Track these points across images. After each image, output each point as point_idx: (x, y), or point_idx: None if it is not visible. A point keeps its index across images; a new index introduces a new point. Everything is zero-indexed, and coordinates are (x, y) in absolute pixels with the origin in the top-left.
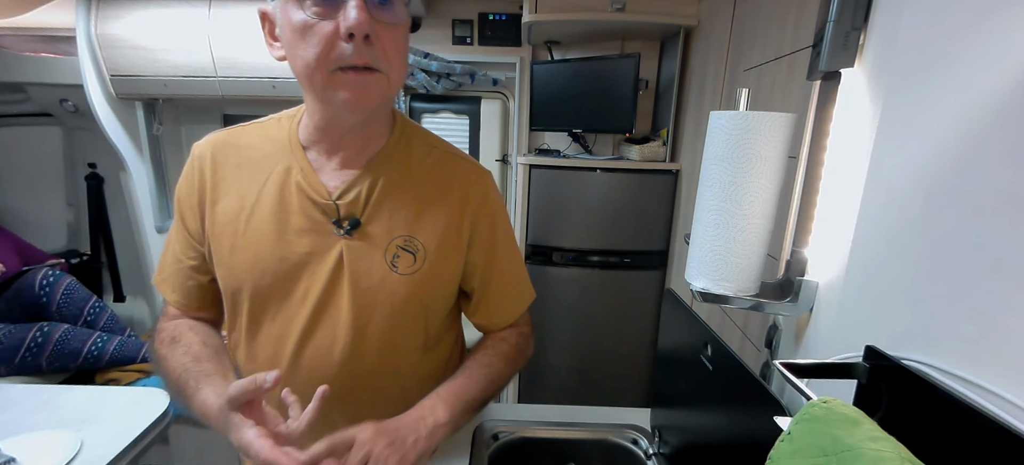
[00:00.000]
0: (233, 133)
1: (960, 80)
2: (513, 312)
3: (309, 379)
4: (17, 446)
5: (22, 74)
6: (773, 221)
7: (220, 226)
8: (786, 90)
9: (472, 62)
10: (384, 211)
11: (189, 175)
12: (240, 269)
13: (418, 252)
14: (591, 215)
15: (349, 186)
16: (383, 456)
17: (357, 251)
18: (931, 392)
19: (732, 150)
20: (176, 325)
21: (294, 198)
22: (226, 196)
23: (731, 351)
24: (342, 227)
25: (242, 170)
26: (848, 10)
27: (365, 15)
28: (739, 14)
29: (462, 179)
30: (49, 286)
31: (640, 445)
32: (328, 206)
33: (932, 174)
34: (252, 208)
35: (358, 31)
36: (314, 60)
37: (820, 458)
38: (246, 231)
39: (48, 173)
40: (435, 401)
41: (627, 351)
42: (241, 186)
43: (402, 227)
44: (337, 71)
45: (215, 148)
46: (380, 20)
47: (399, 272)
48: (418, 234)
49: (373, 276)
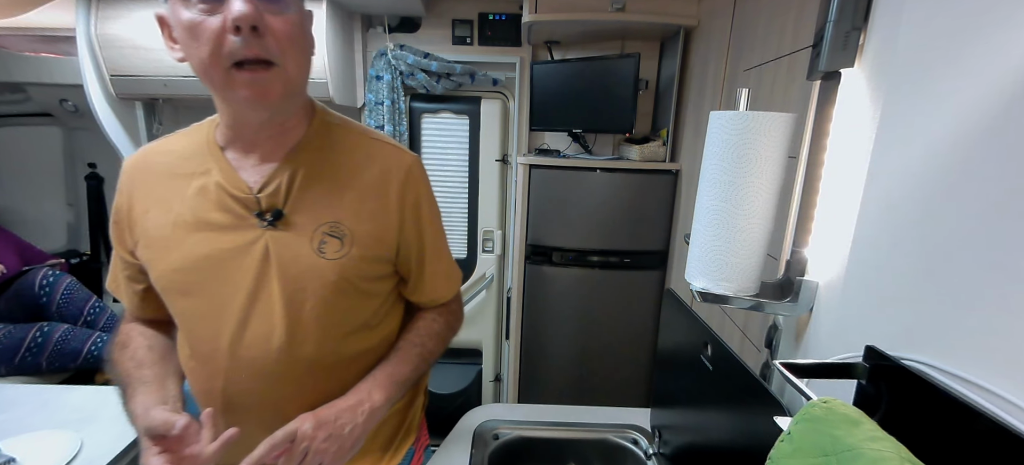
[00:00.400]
0: (156, 145)
1: (960, 80)
2: (450, 290)
3: (250, 369)
4: (17, 446)
5: (22, 74)
6: (773, 221)
7: (149, 235)
8: (786, 90)
9: (472, 62)
10: (307, 200)
11: (121, 190)
12: (169, 272)
13: (346, 237)
14: (591, 215)
15: (269, 179)
16: (322, 448)
17: (282, 241)
18: (931, 392)
19: (732, 150)
20: (128, 329)
21: (215, 197)
22: (153, 205)
23: (731, 351)
24: (265, 219)
25: (164, 179)
26: (848, 10)
27: (250, 6)
28: (739, 14)
29: (384, 163)
30: (49, 286)
31: (640, 445)
32: (249, 200)
33: (932, 174)
34: (177, 212)
35: (243, 22)
36: (207, 58)
37: (820, 458)
38: (172, 235)
39: (48, 173)
40: (371, 385)
41: (627, 351)
42: (165, 193)
43: (327, 214)
44: (232, 68)
45: (139, 163)
46: (269, 10)
47: (327, 257)
48: (344, 219)
49: (301, 263)
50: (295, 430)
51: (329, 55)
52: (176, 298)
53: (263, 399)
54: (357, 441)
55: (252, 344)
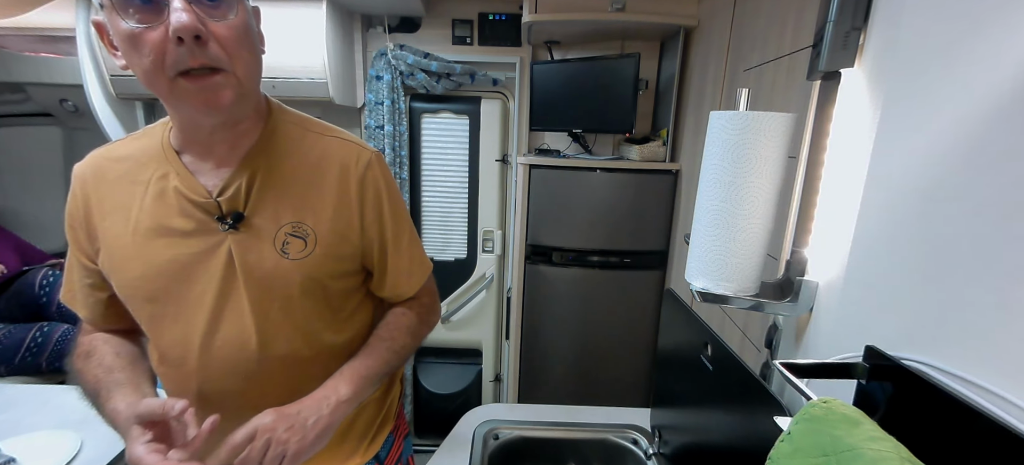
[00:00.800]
0: (109, 149)
1: (960, 80)
2: (414, 285)
3: (223, 371)
4: (17, 446)
5: (22, 74)
6: (773, 221)
7: (109, 243)
8: (786, 90)
9: (472, 62)
10: (268, 201)
11: (73, 198)
12: (133, 280)
13: (309, 236)
14: (591, 215)
15: (227, 182)
16: (283, 439)
17: (245, 243)
18: (931, 392)
19: (732, 150)
20: (91, 339)
21: (174, 202)
22: (111, 213)
23: (731, 351)
24: (226, 222)
25: (121, 184)
26: (848, 10)
27: (191, 16)
28: (739, 14)
29: (343, 160)
30: (49, 286)
31: (640, 445)
32: (209, 204)
33: (932, 174)
34: (136, 219)
35: (185, 34)
36: (151, 68)
37: (820, 458)
38: (132, 242)
39: (48, 173)
40: (338, 380)
41: (627, 351)
42: (122, 200)
43: (289, 214)
44: (178, 77)
45: (92, 167)
46: (211, 17)
47: (290, 258)
48: (306, 218)
49: (265, 265)
50: (255, 427)
51: (329, 55)
52: (142, 305)
53: (238, 399)
54: (323, 433)
55: (223, 346)
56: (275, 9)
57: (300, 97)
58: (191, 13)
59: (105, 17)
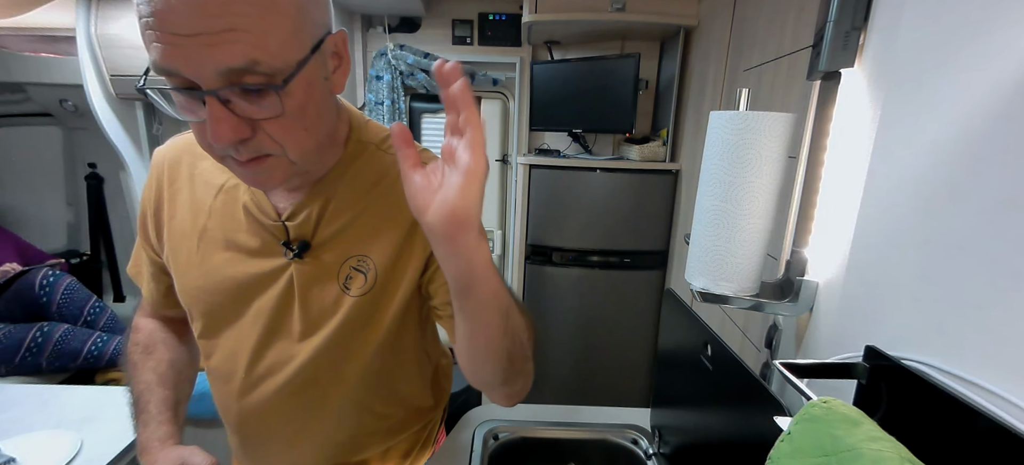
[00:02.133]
0: (190, 141)
1: (960, 80)
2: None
3: (266, 393)
4: (17, 446)
5: (22, 74)
6: (773, 221)
7: (175, 240)
8: (786, 90)
9: (472, 62)
10: (335, 231)
11: (150, 183)
12: (193, 288)
13: (370, 271)
14: (591, 215)
15: (298, 207)
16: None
17: (308, 274)
18: (931, 392)
19: (732, 150)
20: (151, 333)
21: (243, 218)
22: (181, 209)
23: (731, 351)
24: (292, 249)
25: (196, 182)
26: (848, 10)
27: (226, 126)
28: (739, 14)
29: None
30: (49, 286)
31: (640, 445)
32: (276, 228)
33: (932, 174)
34: (204, 226)
35: (222, 146)
36: (201, 145)
37: (820, 458)
38: (198, 249)
39: (48, 173)
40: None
41: (627, 351)
42: (194, 199)
43: (354, 246)
44: (226, 157)
45: (172, 158)
46: (256, 110)
47: (351, 294)
48: (370, 252)
49: (325, 298)
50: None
51: None
52: (197, 315)
53: (279, 421)
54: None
55: (269, 372)
56: None
57: None
58: (228, 125)
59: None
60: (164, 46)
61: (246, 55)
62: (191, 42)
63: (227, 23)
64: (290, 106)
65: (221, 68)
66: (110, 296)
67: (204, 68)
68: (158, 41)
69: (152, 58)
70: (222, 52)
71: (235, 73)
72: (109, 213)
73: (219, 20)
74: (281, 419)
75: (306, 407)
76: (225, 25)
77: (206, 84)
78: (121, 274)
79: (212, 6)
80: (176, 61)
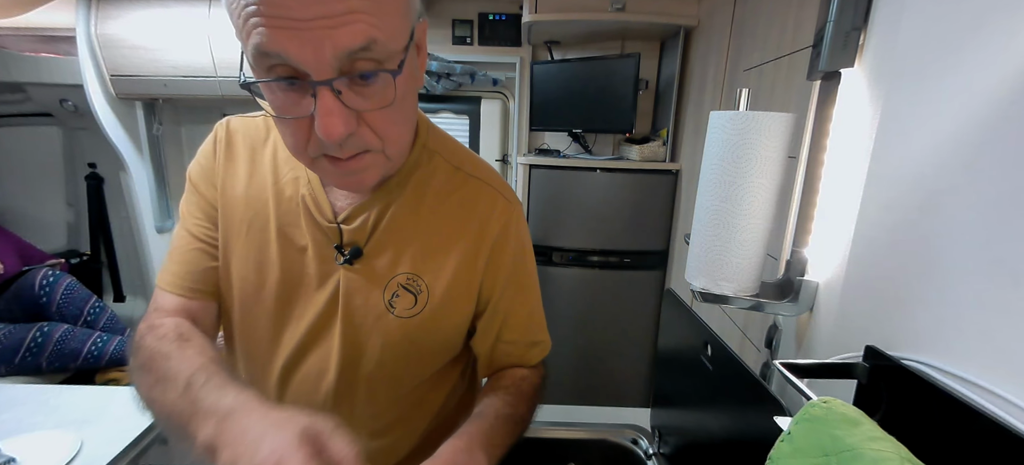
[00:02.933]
0: (255, 128)
1: (960, 80)
2: (532, 359)
3: (296, 402)
4: (17, 446)
5: (22, 74)
6: (773, 221)
7: (227, 215)
8: (786, 90)
9: (472, 62)
10: (390, 242)
11: (208, 151)
12: (238, 278)
13: (421, 294)
14: (591, 215)
15: (355, 210)
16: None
17: (355, 284)
18: (931, 392)
19: (732, 150)
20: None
21: (300, 213)
22: (235, 191)
23: (731, 351)
24: (343, 254)
25: (256, 164)
26: (848, 10)
27: (339, 119)
28: (739, 14)
29: (485, 211)
30: (49, 286)
31: (640, 445)
32: (330, 229)
33: (932, 174)
34: (256, 211)
35: (334, 140)
36: (291, 144)
37: (820, 458)
38: (247, 234)
39: (48, 173)
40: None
41: (627, 351)
42: (252, 181)
43: (407, 263)
44: (320, 157)
45: (239, 131)
46: (364, 102)
47: (396, 313)
48: (424, 273)
49: (368, 314)
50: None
51: None
52: (235, 305)
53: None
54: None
55: (304, 381)
56: None
57: None
58: (341, 117)
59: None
60: (273, 31)
61: (366, 35)
62: (307, 26)
63: (347, 5)
64: (398, 91)
65: (341, 52)
66: (110, 296)
67: (321, 53)
68: (266, 26)
69: (255, 44)
70: (342, 34)
71: (352, 58)
72: (109, 213)
73: (339, 3)
74: None
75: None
76: (345, 7)
77: (319, 73)
78: (121, 274)
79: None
80: (288, 47)
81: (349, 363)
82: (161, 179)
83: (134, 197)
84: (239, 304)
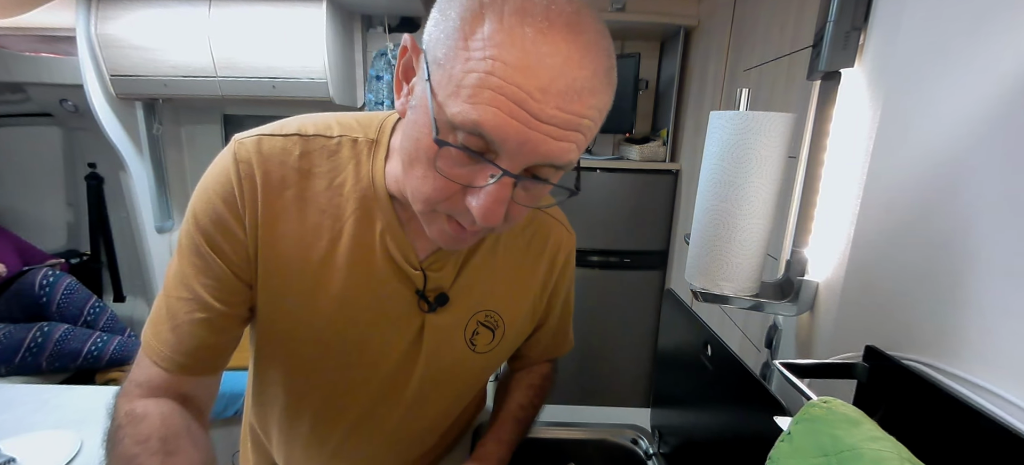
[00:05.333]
0: (289, 153)
1: (960, 80)
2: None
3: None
4: (17, 446)
5: (22, 74)
6: (773, 221)
7: (279, 259)
8: (786, 90)
9: None
10: (470, 281)
11: (227, 186)
12: (298, 325)
13: (498, 328)
14: (591, 215)
15: (441, 256)
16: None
17: (438, 326)
18: (931, 392)
19: (732, 150)
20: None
21: (380, 259)
22: (287, 233)
23: (731, 351)
24: (428, 300)
25: (307, 205)
26: (848, 10)
27: (502, 209)
28: (739, 14)
29: (554, 245)
30: (49, 286)
31: (640, 445)
32: (416, 276)
33: (931, 174)
34: (325, 252)
35: (487, 224)
36: (423, 195)
37: (820, 458)
38: (314, 281)
39: (48, 173)
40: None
41: (627, 351)
42: (307, 222)
43: (486, 300)
44: (442, 214)
45: (272, 158)
46: (520, 201)
47: (477, 350)
48: (501, 308)
49: (452, 354)
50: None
51: (329, 55)
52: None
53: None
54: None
55: (369, 418)
56: (275, 9)
57: (300, 97)
58: (504, 207)
59: (420, 73)
60: (502, 116)
61: (575, 156)
62: (537, 126)
63: (578, 123)
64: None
65: (547, 160)
66: (110, 296)
67: (532, 155)
68: (497, 107)
69: (475, 118)
70: (559, 148)
71: (551, 167)
72: (109, 213)
73: (575, 118)
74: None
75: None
76: (576, 124)
77: (515, 167)
78: (121, 274)
79: (579, 103)
80: (509, 137)
81: (420, 401)
82: (161, 179)
83: (134, 197)
84: (294, 357)
